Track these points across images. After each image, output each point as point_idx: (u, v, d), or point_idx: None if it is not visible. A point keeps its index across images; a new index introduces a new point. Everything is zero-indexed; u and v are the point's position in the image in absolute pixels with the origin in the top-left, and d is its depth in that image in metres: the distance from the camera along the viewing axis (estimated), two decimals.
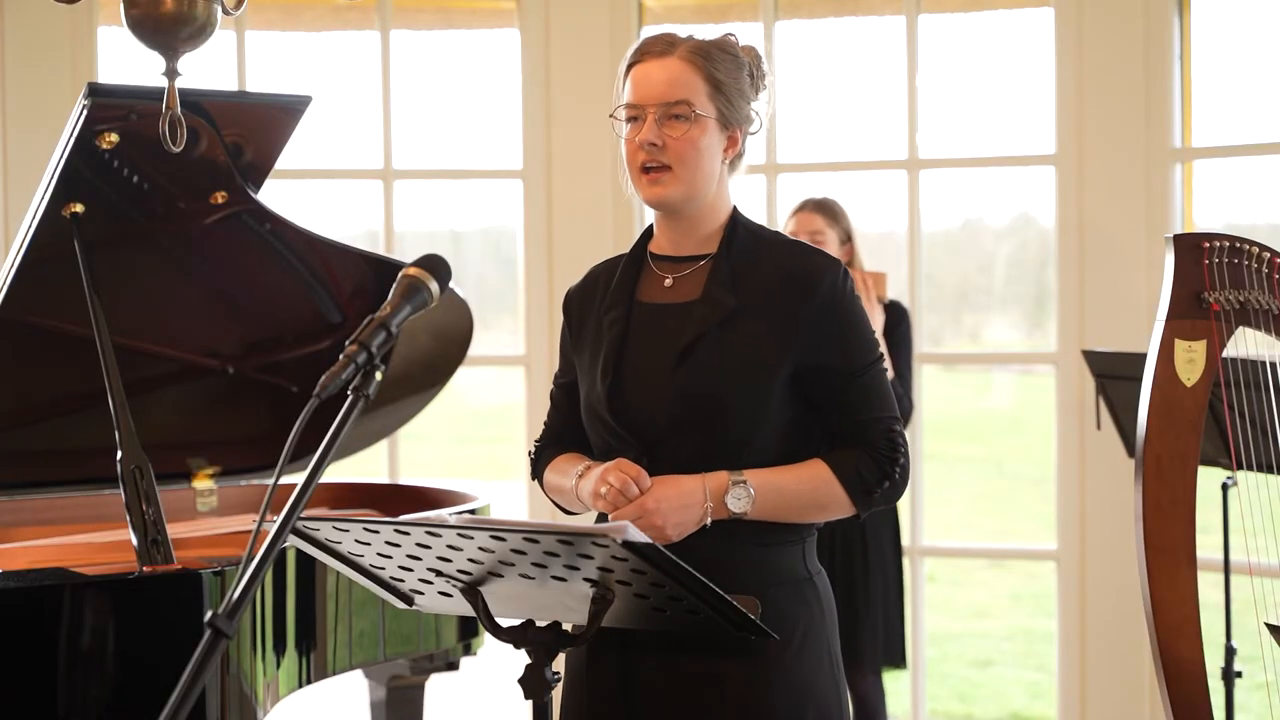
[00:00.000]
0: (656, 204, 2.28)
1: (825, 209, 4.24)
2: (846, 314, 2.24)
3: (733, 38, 2.33)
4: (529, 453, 2.47)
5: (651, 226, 2.37)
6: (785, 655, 2.19)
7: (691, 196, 2.26)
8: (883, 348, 2.40)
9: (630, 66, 2.28)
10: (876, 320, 4.11)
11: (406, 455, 5.28)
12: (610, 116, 2.30)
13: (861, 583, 4.10)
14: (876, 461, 2.23)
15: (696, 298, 2.26)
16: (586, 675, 2.27)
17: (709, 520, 2.18)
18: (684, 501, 2.16)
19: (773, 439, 2.21)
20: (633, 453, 2.22)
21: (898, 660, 4.22)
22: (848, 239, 4.27)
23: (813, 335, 2.21)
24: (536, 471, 2.44)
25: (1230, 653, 3.73)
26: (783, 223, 4.36)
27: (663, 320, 2.27)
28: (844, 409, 2.24)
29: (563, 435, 2.42)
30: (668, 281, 2.31)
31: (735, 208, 2.33)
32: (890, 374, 4.08)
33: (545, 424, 2.47)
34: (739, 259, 2.27)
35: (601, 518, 2.23)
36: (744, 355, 2.20)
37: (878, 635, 4.16)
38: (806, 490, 2.21)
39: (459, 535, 1.88)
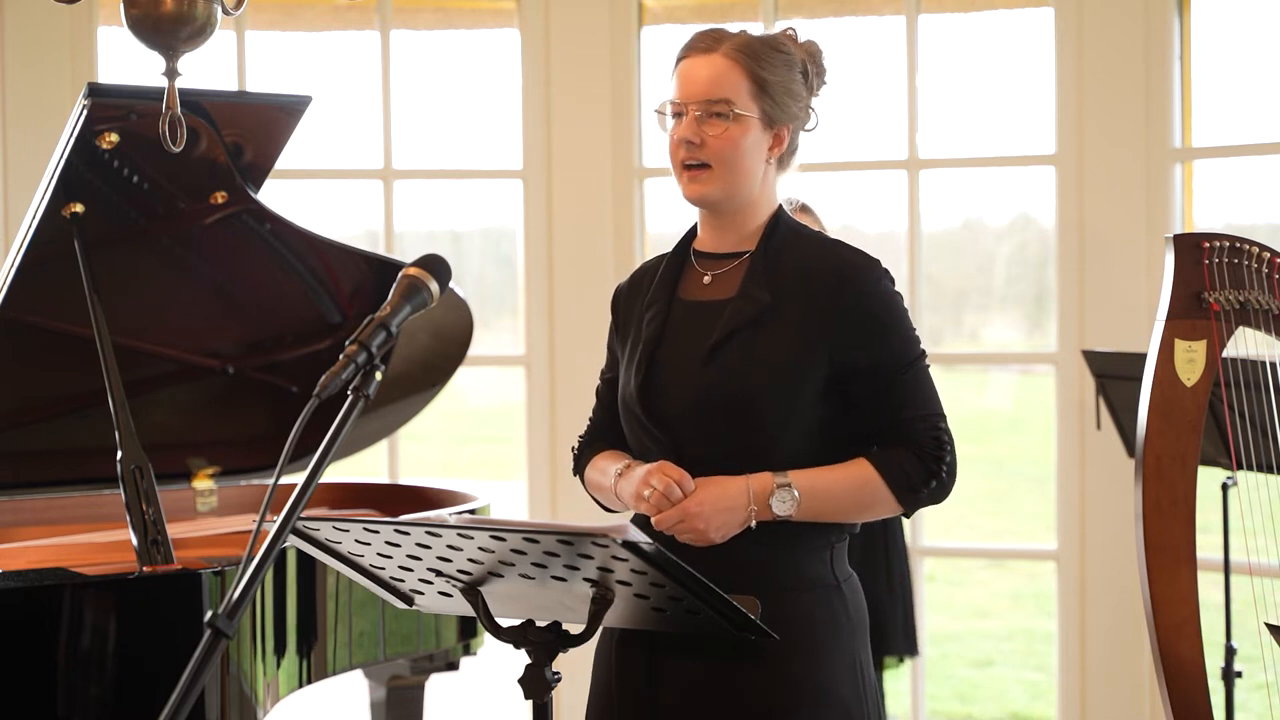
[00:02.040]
0: (696, 201, 2.27)
1: (806, 210, 4.23)
2: (885, 311, 2.22)
3: (791, 32, 2.31)
4: (572, 448, 2.46)
5: (696, 224, 2.36)
6: (807, 660, 2.18)
7: (731, 195, 2.25)
8: None
9: (677, 62, 2.27)
10: None
11: (406, 455, 5.28)
12: (656, 111, 2.29)
13: (885, 578, 4.10)
14: (922, 460, 2.20)
15: (733, 295, 2.25)
16: (613, 675, 2.27)
17: (753, 523, 2.16)
18: (727, 504, 2.15)
19: (802, 438, 2.20)
20: (663, 448, 2.22)
21: (914, 648, 4.22)
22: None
23: (848, 333, 2.19)
24: (578, 468, 2.43)
25: (1230, 653, 3.73)
26: None
27: (699, 317, 2.26)
28: (887, 407, 2.21)
29: (605, 431, 2.40)
30: (707, 279, 2.30)
31: (780, 206, 2.32)
32: None
33: (590, 420, 2.45)
34: (776, 256, 2.25)
35: (642, 519, 2.22)
36: (774, 352, 2.19)
37: (897, 629, 4.15)
38: (852, 491, 2.19)
39: (459, 535, 1.88)
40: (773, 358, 2.19)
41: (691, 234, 2.36)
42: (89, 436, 3.33)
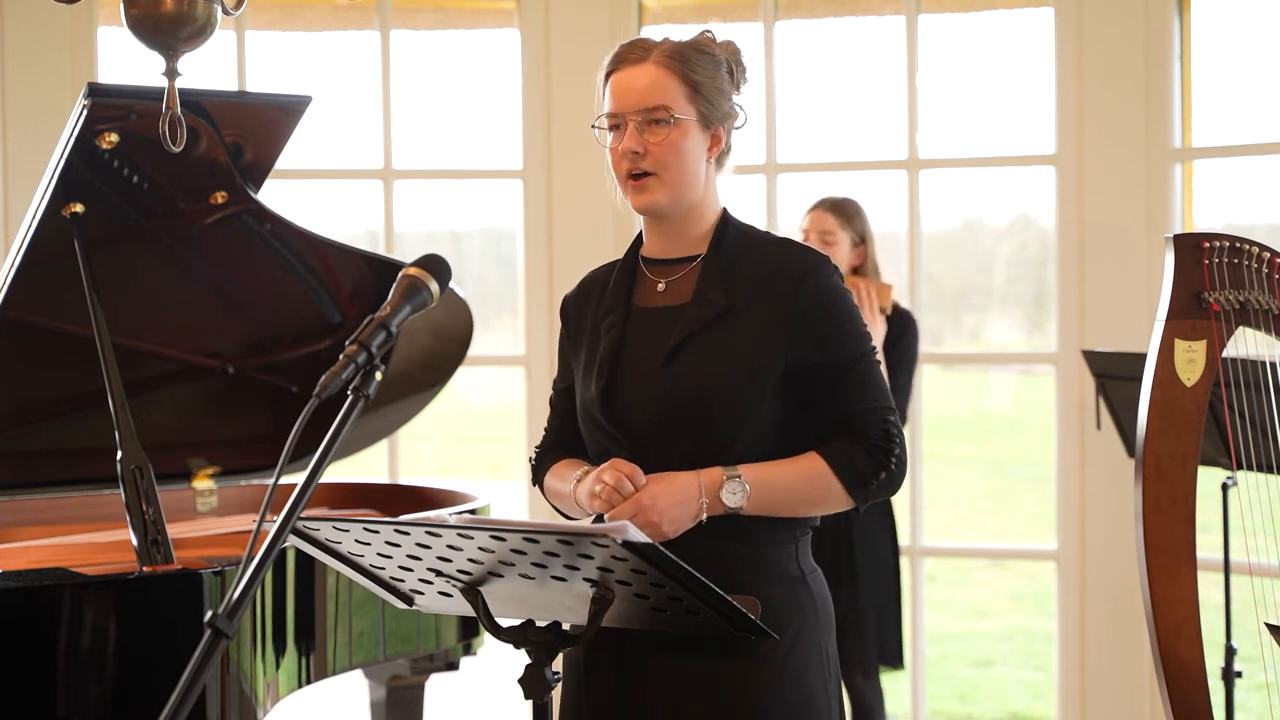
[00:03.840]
0: (644, 210, 2.28)
1: (839, 209, 4.21)
2: (835, 307, 2.24)
3: (709, 34, 2.33)
4: (529, 458, 2.47)
5: (642, 233, 2.38)
6: (777, 654, 2.19)
7: (678, 200, 2.27)
8: (877, 342, 2.40)
9: (608, 75, 2.29)
10: (877, 332, 4.06)
11: (406, 455, 5.28)
12: (593, 126, 2.31)
13: (850, 583, 4.09)
14: (871, 453, 2.22)
15: (688, 300, 2.27)
16: (585, 674, 2.27)
17: (704, 516, 2.18)
18: (679, 497, 2.16)
19: (763, 438, 2.21)
20: (625, 453, 2.23)
21: (893, 661, 4.21)
22: (862, 241, 4.22)
23: (803, 331, 2.21)
24: (537, 477, 2.44)
25: (1230, 653, 3.73)
26: (796, 221, 4.34)
27: (657, 323, 2.28)
28: (838, 401, 2.23)
29: (563, 440, 2.42)
30: (661, 286, 2.32)
31: (725, 208, 2.34)
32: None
33: (545, 429, 2.47)
34: (729, 258, 2.27)
35: (599, 519, 2.23)
36: (733, 354, 2.21)
37: (871, 636, 4.14)
38: (802, 483, 2.21)
39: (459, 535, 1.88)
40: (731, 359, 2.21)
41: (638, 243, 2.37)
42: (89, 436, 3.33)
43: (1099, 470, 4.70)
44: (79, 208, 3.01)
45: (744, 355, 2.21)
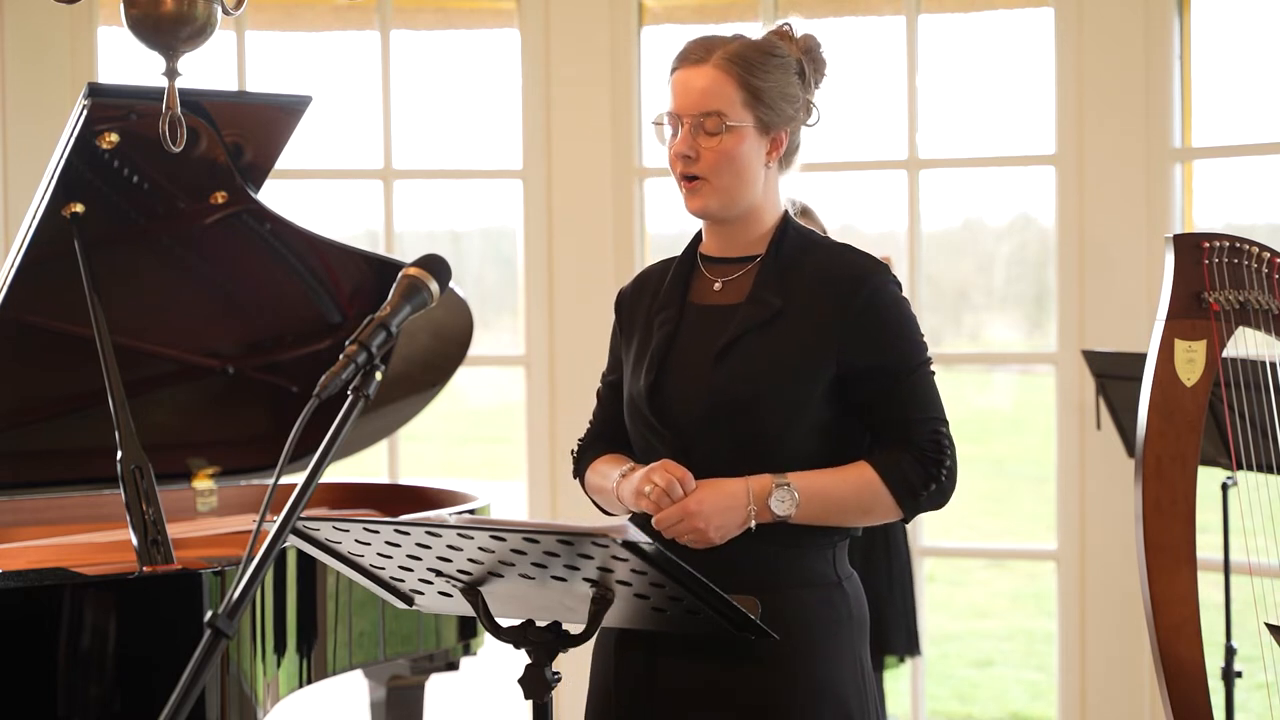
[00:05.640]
0: (697, 214, 2.27)
1: (807, 213, 4.21)
2: (891, 315, 2.22)
3: (785, 28, 2.31)
4: (571, 451, 2.46)
5: (701, 230, 2.35)
6: (809, 659, 2.18)
7: (730, 204, 2.25)
8: None
9: (671, 72, 2.27)
10: None
11: (406, 455, 5.28)
12: (654, 123, 2.29)
13: (886, 577, 4.10)
14: (922, 464, 2.19)
15: (744, 299, 2.25)
16: (612, 675, 2.27)
17: (753, 524, 2.16)
18: (727, 504, 2.15)
19: (808, 441, 2.20)
20: (669, 449, 2.22)
21: (916, 648, 4.23)
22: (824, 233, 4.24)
23: (855, 336, 2.19)
24: (578, 470, 2.43)
25: (1230, 653, 3.73)
26: None
27: (710, 322, 2.26)
28: (890, 410, 2.21)
29: (606, 433, 2.40)
30: (717, 285, 2.30)
31: (786, 210, 2.32)
32: None
33: (590, 422, 2.45)
34: (787, 261, 2.25)
35: (642, 519, 2.22)
36: (783, 356, 2.19)
37: (895, 628, 4.15)
38: (851, 493, 2.19)
39: (459, 535, 1.88)
40: (781, 361, 2.19)
41: (697, 238, 2.36)
42: (89, 436, 3.33)
43: (1099, 470, 4.70)
44: (79, 208, 3.01)
45: (794, 357, 2.19)
